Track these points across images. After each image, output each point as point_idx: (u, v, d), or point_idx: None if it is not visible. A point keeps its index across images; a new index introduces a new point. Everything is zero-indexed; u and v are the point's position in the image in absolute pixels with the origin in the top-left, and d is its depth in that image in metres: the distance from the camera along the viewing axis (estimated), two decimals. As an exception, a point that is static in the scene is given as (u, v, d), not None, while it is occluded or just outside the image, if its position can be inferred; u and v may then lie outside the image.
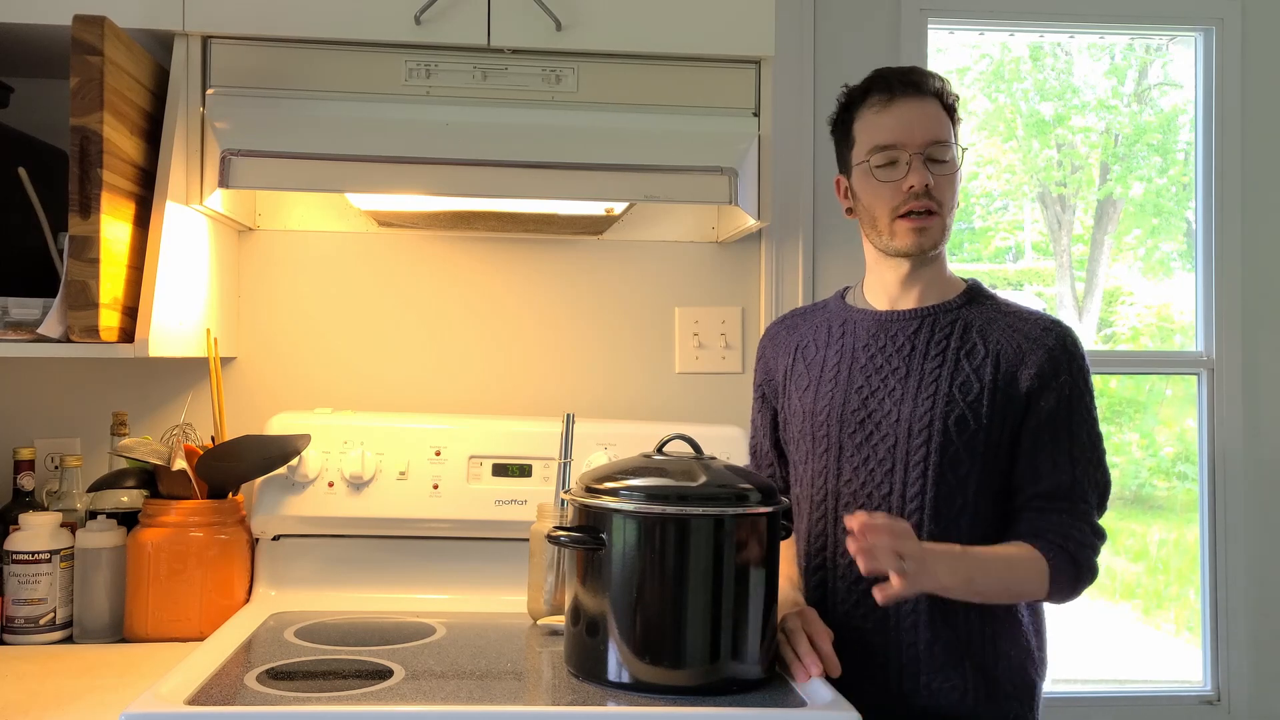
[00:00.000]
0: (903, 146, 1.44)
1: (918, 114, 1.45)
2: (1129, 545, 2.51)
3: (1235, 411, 2.20)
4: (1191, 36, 2.27)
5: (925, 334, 1.49)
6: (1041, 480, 1.43)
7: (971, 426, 1.42)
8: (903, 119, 1.45)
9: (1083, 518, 1.42)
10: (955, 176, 1.48)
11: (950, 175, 1.47)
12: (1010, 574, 1.39)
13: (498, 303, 2.05)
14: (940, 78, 1.50)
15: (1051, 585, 1.39)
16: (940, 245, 1.49)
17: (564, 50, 1.68)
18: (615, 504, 1.30)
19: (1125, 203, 2.54)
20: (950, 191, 1.47)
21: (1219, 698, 2.20)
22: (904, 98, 1.46)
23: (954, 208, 1.49)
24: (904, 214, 1.45)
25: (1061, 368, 1.43)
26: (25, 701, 1.36)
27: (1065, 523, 1.41)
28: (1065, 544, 1.40)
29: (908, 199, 1.44)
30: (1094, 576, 1.43)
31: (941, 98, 1.48)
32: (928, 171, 1.43)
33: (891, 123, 1.46)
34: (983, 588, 1.37)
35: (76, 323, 1.47)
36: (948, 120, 1.48)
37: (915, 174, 1.43)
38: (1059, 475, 1.42)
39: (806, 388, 1.56)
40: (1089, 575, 1.42)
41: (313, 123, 1.64)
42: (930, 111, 1.46)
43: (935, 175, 1.44)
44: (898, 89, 1.46)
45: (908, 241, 1.46)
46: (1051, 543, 1.40)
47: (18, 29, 1.62)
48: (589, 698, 1.27)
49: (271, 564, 1.82)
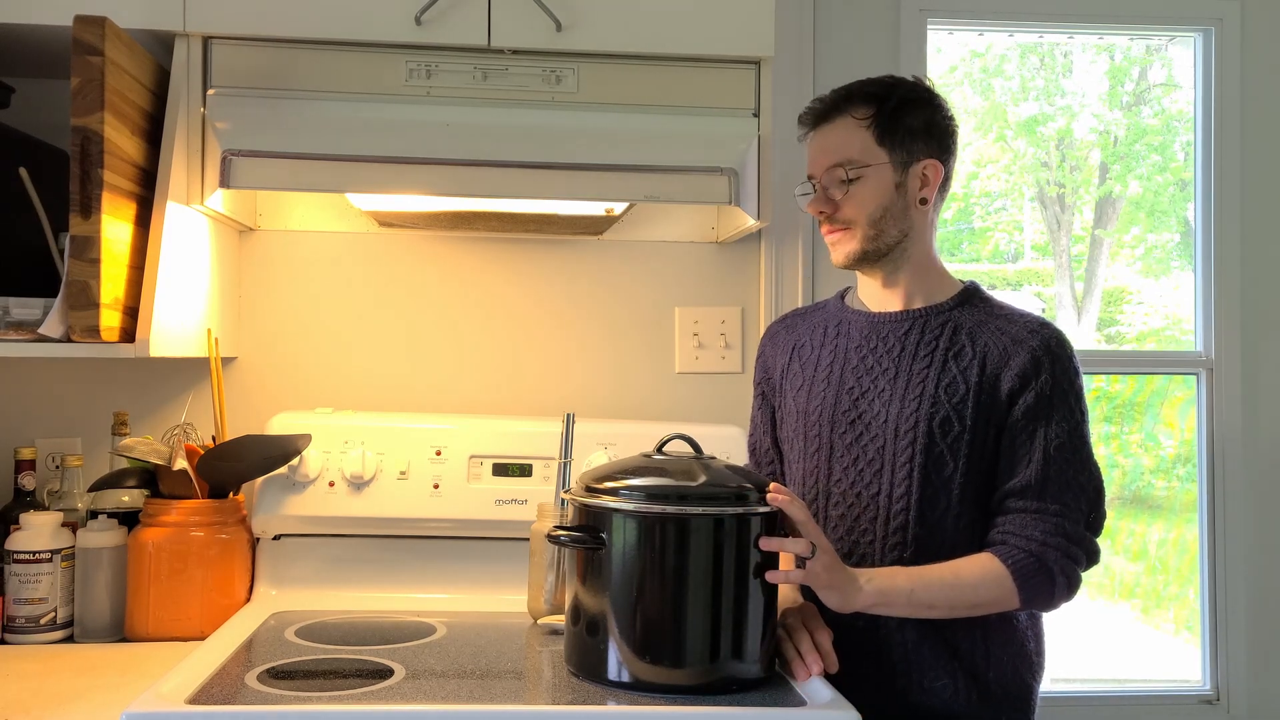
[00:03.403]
0: (813, 176, 1.53)
1: (819, 142, 1.53)
2: (1128, 545, 2.51)
3: (1235, 411, 2.21)
4: (1191, 37, 2.27)
5: (915, 335, 1.49)
6: (1014, 476, 1.42)
7: (956, 428, 1.42)
8: (812, 149, 1.54)
9: (1055, 518, 1.39)
10: (866, 187, 1.48)
11: (856, 193, 1.48)
12: (958, 584, 1.36)
13: (498, 303, 2.05)
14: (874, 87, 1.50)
15: (1021, 592, 1.36)
16: (878, 253, 1.50)
17: (564, 51, 1.68)
18: (615, 504, 1.30)
19: (1124, 202, 2.55)
20: (859, 205, 1.48)
21: (1218, 697, 2.20)
22: (817, 128, 1.53)
23: (878, 217, 1.48)
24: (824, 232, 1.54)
25: (1043, 368, 1.42)
26: (26, 701, 1.36)
27: (1032, 522, 1.39)
28: (1028, 546, 1.38)
29: (819, 222, 1.54)
30: (1072, 583, 1.39)
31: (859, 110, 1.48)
32: (826, 199, 1.50)
33: (809, 155, 1.55)
34: (927, 599, 1.35)
35: (77, 323, 1.47)
36: (861, 133, 1.48)
37: (812, 204, 1.52)
38: (1029, 472, 1.40)
39: (801, 387, 1.57)
40: (1064, 579, 1.38)
41: (313, 123, 1.64)
42: (833, 136, 1.50)
43: (842, 195, 1.49)
44: (809, 122, 1.54)
45: (832, 256, 1.54)
46: (1014, 547, 1.38)
47: (18, 29, 1.63)
48: (589, 697, 1.27)
49: (272, 563, 1.82)
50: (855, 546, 1.47)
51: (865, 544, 1.46)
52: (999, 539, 1.41)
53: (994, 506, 1.44)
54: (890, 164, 1.48)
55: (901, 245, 1.50)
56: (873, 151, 1.48)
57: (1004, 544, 1.40)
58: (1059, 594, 1.39)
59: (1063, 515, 1.39)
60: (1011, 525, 1.41)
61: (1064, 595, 1.40)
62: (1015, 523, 1.40)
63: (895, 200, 1.49)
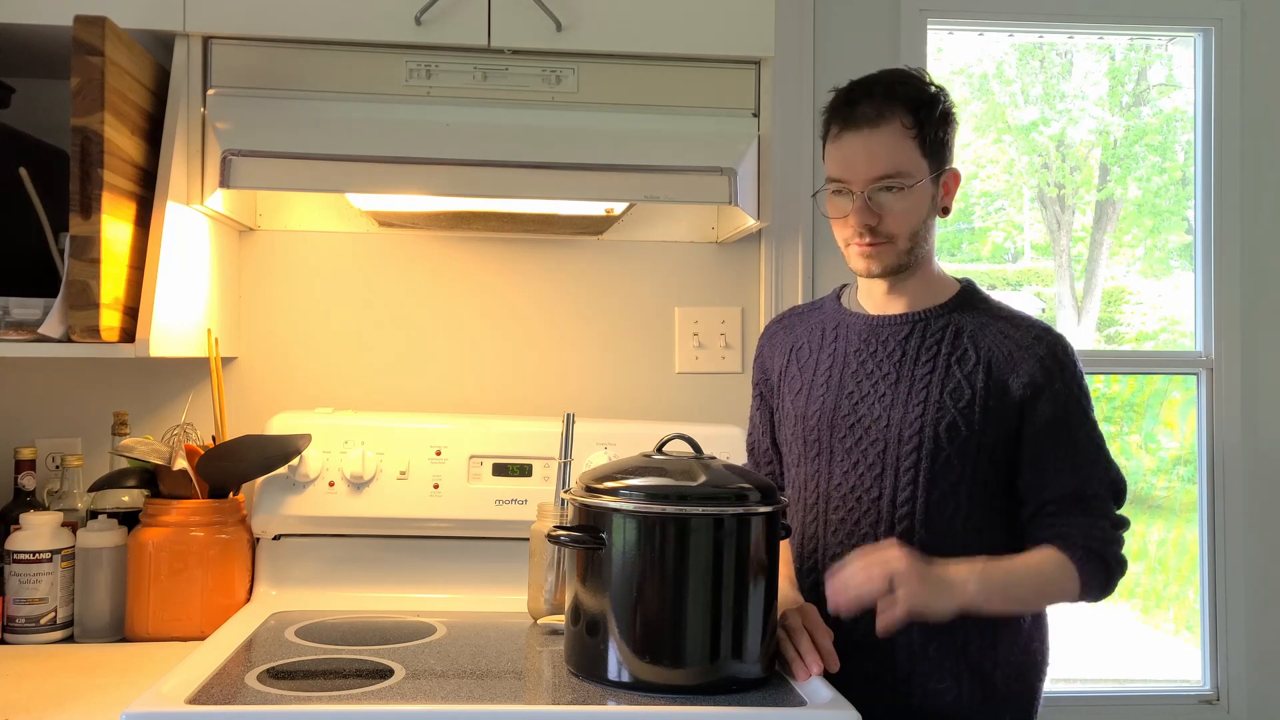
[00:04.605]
0: (848, 181, 1.43)
1: (862, 146, 1.41)
2: (1129, 545, 2.50)
3: (1234, 411, 2.21)
4: (1191, 37, 2.27)
5: (916, 339, 1.48)
6: (1049, 488, 1.43)
7: (963, 433, 1.42)
8: (849, 153, 1.42)
9: (1099, 514, 1.43)
10: (912, 199, 1.42)
11: (904, 200, 1.41)
12: (1041, 579, 1.39)
13: (498, 303, 2.05)
14: (910, 84, 1.44)
15: (1083, 586, 1.40)
16: (904, 266, 1.47)
17: (564, 51, 1.68)
18: (615, 503, 1.30)
19: (1124, 203, 2.55)
20: (904, 219, 1.42)
21: (1218, 697, 2.20)
22: (852, 130, 1.42)
23: (915, 231, 1.44)
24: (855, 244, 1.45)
25: (1054, 376, 1.43)
26: (26, 701, 1.36)
27: (1083, 522, 1.42)
28: (1089, 543, 1.40)
29: (855, 233, 1.44)
30: (1124, 569, 1.44)
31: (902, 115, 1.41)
32: (870, 210, 1.41)
33: (840, 155, 1.44)
34: (1019, 593, 1.38)
35: (77, 323, 1.47)
36: (907, 141, 1.41)
37: (855, 216, 1.42)
38: (1066, 481, 1.42)
39: (799, 390, 1.56)
40: (1119, 569, 1.43)
41: (313, 123, 1.64)
42: (879, 141, 1.40)
43: (886, 208, 1.42)
44: (848, 120, 1.42)
45: (860, 266, 1.47)
46: (1075, 544, 1.40)
47: (18, 29, 1.63)
48: (589, 697, 1.27)
49: (272, 563, 1.82)
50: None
51: (865, 548, 1.46)
52: (1052, 537, 1.42)
53: (1030, 512, 1.45)
54: (929, 176, 1.44)
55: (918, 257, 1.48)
56: (918, 164, 1.42)
57: (1064, 540, 1.41)
58: (1113, 583, 1.44)
59: (1105, 511, 1.44)
60: (1065, 526, 1.42)
61: (1115, 583, 1.44)
62: (1068, 524, 1.42)
63: (930, 212, 1.46)
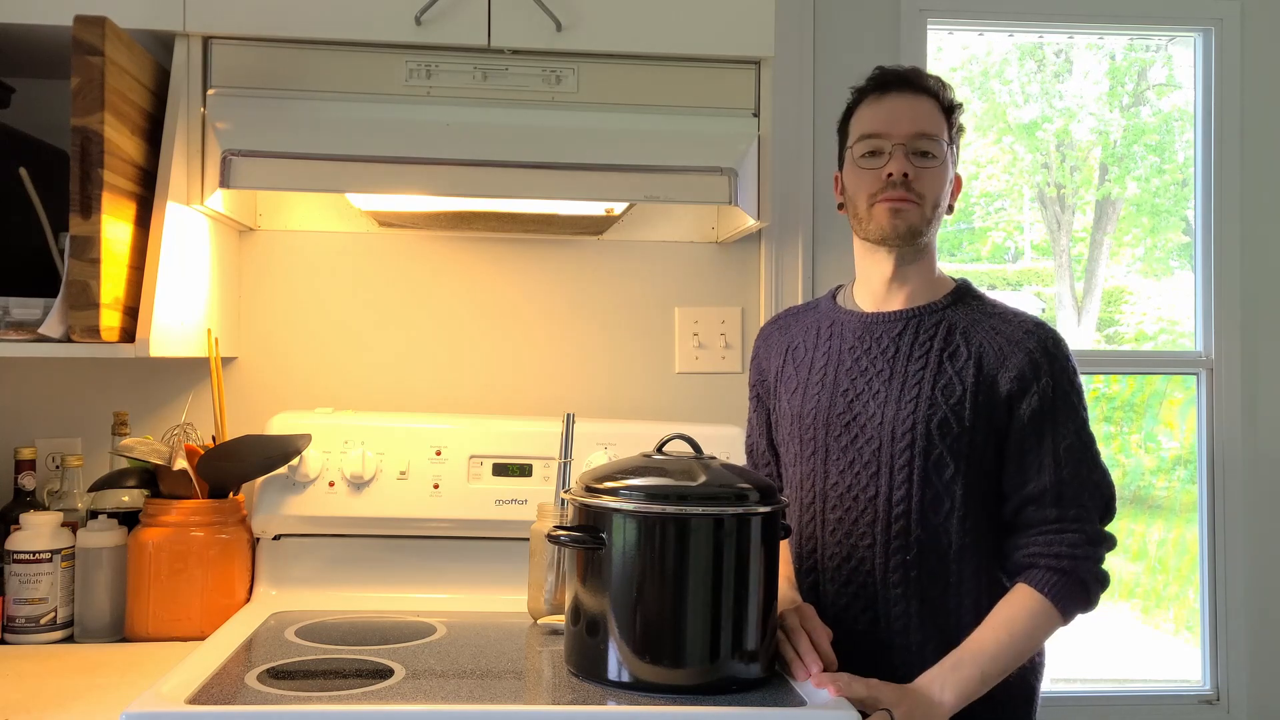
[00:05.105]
0: (886, 136, 1.46)
1: (906, 107, 1.46)
2: (1129, 545, 2.51)
3: (1234, 411, 2.21)
4: (1191, 37, 2.27)
5: (909, 336, 1.48)
6: (1028, 483, 1.42)
7: (955, 429, 1.42)
8: (891, 110, 1.47)
9: (1076, 525, 1.40)
10: (941, 173, 1.47)
11: (935, 170, 1.46)
12: (1014, 642, 1.37)
13: (498, 303, 2.05)
14: (943, 82, 1.51)
15: (1064, 614, 1.38)
16: (922, 235, 1.47)
17: (564, 51, 1.68)
18: (615, 503, 1.30)
19: (1124, 203, 2.55)
20: (934, 185, 1.46)
21: (1218, 697, 2.20)
22: (897, 92, 1.48)
23: (939, 203, 1.48)
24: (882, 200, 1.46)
25: (1042, 370, 1.42)
26: (26, 701, 1.36)
27: (1057, 539, 1.39)
28: (1060, 564, 1.38)
29: (886, 186, 1.45)
30: (1105, 583, 1.41)
31: (939, 98, 1.49)
32: (909, 162, 1.44)
33: (880, 113, 1.48)
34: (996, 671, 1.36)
35: (77, 323, 1.47)
36: (941, 118, 1.48)
37: (894, 162, 1.45)
38: (1044, 477, 1.41)
39: (795, 390, 1.56)
40: (1098, 585, 1.40)
41: (313, 123, 1.64)
42: (921, 107, 1.47)
43: (919, 168, 1.45)
44: (893, 84, 1.48)
45: (883, 223, 1.46)
46: (1047, 568, 1.39)
47: (18, 29, 1.63)
48: (589, 697, 1.27)
49: (272, 563, 1.82)
50: (854, 550, 1.46)
51: (864, 548, 1.45)
52: (1026, 561, 1.41)
53: (1009, 514, 1.44)
54: (950, 162, 1.49)
55: (928, 242, 1.50)
56: (945, 145, 1.48)
57: (1034, 567, 1.40)
58: (1093, 599, 1.41)
59: (1082, 520, 1.40)
60: (1037, 545, 1.40)
61: (1097, 598, 1.42)
62: (1040, 542, 1.40)
63: (944, 196, 1.50)
